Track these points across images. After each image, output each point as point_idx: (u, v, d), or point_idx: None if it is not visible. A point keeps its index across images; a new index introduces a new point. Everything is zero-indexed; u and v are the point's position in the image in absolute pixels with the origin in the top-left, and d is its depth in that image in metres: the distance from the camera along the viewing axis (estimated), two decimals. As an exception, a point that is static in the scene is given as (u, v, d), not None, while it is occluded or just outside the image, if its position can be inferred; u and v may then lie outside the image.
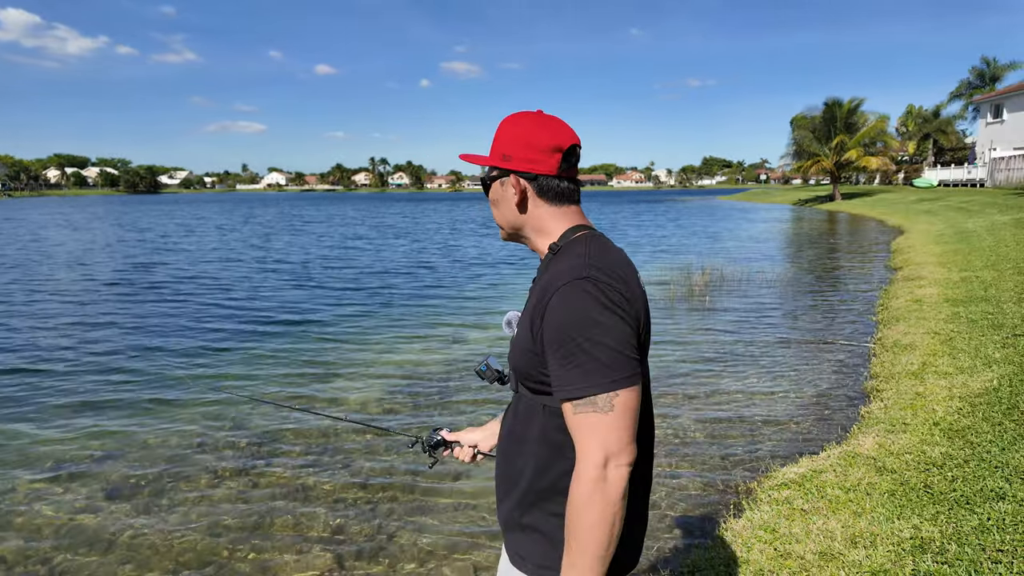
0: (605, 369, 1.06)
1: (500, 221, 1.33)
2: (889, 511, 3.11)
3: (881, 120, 42.65)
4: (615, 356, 1.06)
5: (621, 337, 1.07)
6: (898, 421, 4.32)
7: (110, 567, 3.27)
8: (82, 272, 14.60)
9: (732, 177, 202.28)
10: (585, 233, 1.25)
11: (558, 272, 1.15)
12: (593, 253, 1.17)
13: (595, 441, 1.06)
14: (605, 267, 1.13)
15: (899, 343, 6.42)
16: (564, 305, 1.09)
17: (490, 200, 1.34)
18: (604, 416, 1.06)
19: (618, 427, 1.06)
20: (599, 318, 1.07)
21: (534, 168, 1.24)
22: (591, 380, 1.06)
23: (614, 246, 1.25)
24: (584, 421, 1.07)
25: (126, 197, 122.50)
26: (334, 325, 8.82)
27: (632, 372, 1.08)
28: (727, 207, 48.09)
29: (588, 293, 1.08)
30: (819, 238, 21.50)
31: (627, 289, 1.13)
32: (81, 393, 5.98)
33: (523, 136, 1.25)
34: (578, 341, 1.07)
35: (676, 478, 4.10)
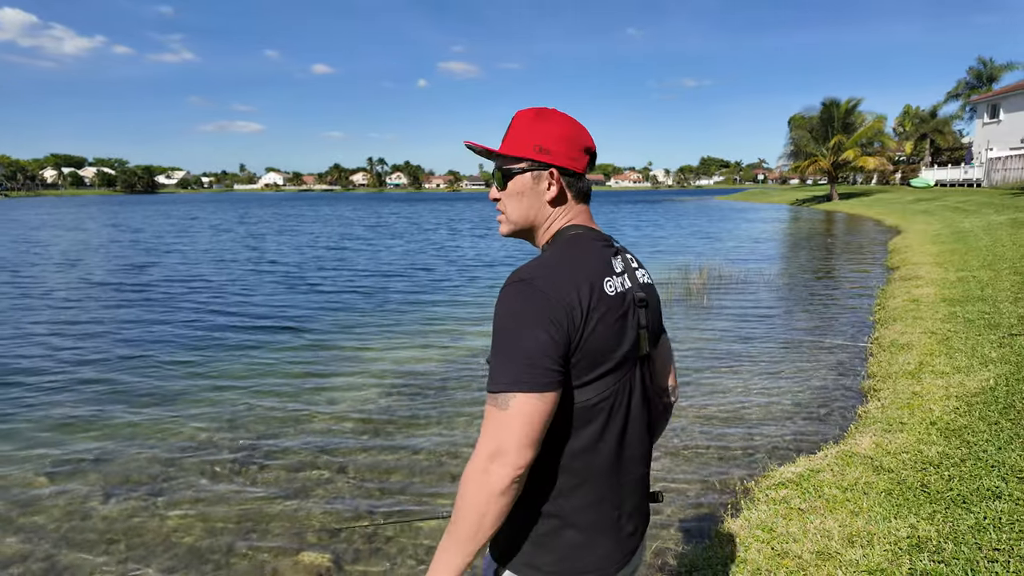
0: (511, 370, 1.08)
1: (516, 215, 1.31)
2: (886, 510, 3.12)
3: (878, 120, 42.75)
4: (524, 361, 1.08)
5: (537, 346, 1.08)
6: (895, 420, 4.33)
7: (108, 565, 3.27)
8: (72, 273, 14.56)
9: (730, 177, 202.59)
10: (570, 236, 1.27)
11: (512, 274, 1.17)
12: (551, 257, 1.20)
13: (488, 434, 1.09)
14: (551, 273, 1.14)
15: (896, 343, 6.43)
16: (498, 304, 1.13)
17: (508, 192, 1.30)
18: (500, 413, 1.08)
19: (510, 428, 1.07)
20: (518, 323, 1.09)
21: (573, 165, 1.27)
22: (497, 377, 1.09)
23: (588, 250, 1.24)
24: (487, 413, 1.11)
25: (123, 197, 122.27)
26: (327, 328, 8.80)
27: (537, 381, 1.07)
28: (725, 207, 48.15)
29: (518, 296, 1.11)
30: (816, 238, 21.54)
31: (564, 299, 1.11)
32: (70, 393, 5.97)
33: (562, 133, 1.26)
34: (499, 339, 1.11)
35: (674, 477, 4.10)
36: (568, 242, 1.24)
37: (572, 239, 1.25)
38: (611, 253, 1.27)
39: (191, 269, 15.07)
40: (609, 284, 1.19)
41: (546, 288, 1.11)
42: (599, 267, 1.21)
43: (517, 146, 1.28)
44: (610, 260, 1.25)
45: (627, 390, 1.24)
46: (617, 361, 1.19)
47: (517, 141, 1.28)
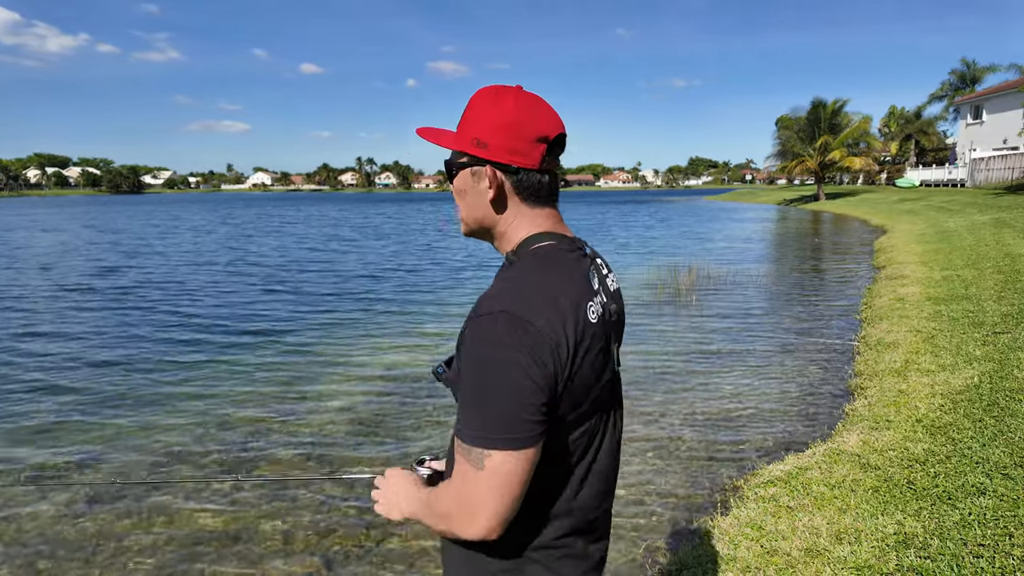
0: (489, 422, 0.94)
1: (465, 215, 1.16)
2: (873, 507, 3.15)
3: (864, 121, 43.19)
4: (506, 413, 0.93)
5: (521, 394, 0.93)
6: (882, 418, 4.37)
7: (93, 573, 3.22)
8: (45, 277, 14.37)
9: (718, 177, 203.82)
10: (541, 248, 1.09)
11: (483, 297, 1.01)
12: (528, 279, 1.02)
13: (459, 490, 0.98)
14: (532, 300, 0.97)
15: (882, 341, 6.49)
16: (472, 340, 0.96)
17: (454, 189, 1.16)
18: (473, 471, 0.95)
19: (486, 490, 0.95)
20: (499, 365, 0.93)
21: (516, 160, 1.07)
22: (472, 427, 0.95)
23: (566, 268, 1.07)
24: (458, 463, 0.98)
25: (108, 197, 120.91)
26: (308, 333, 8.75)
27: (520, 437, 0.93)
28: (713, 207, 48.44)
29: (497, 330, 0.94)
30: (804, 238, 21.71)
31: (551, 334, 0.95)
32: (50, 397, 5.89)
33: (505, 120, 1.05)
34: (474, 383, 0.95)
35: (663, 476, 4.12)
36: (543, 258, 1.07)
37: (546, 253, 1.08)
38: (587, 266, 1.11)
39: (170, 272, 14.92)
40: (592, 310, 1.04)
41: (530, 320, 0.94)
42: (581, 289, 1.05)
43: (458, 137, 1.11)
44: (589, 276, 1.09)
45: (604, 420, 1.13)
46: (598, 394, 1.07)
47: (460, 131, 1.11)
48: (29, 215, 46.65)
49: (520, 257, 1.09)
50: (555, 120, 1.09)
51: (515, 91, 1.09)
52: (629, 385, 5.94)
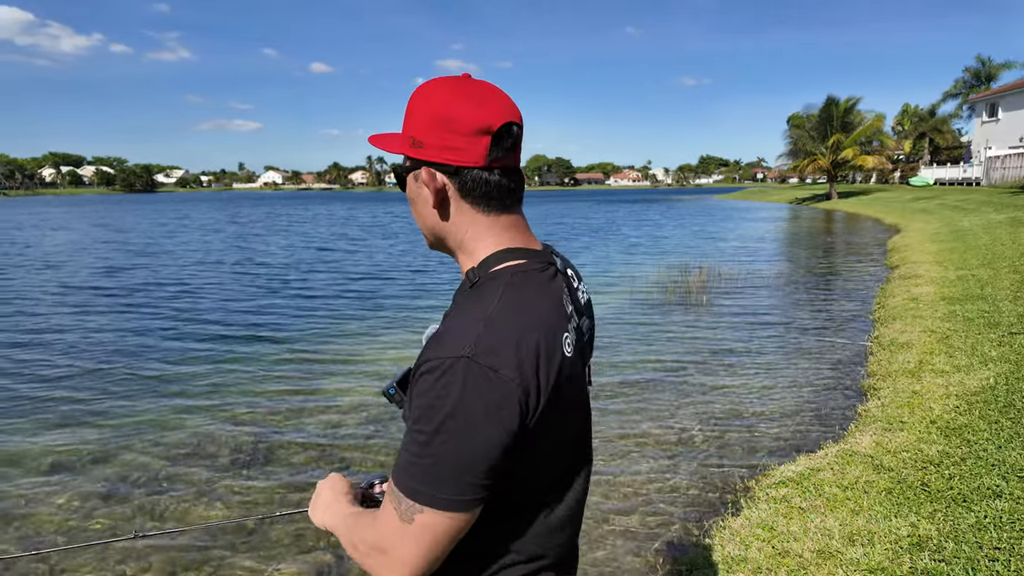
0: (429, 479, 0.83)
1: (420, 226, 1.03)
2: (887, 509, 3.12)
3: (877, 119, 42.77)
4: (450, 472, 0.82)
5: (468, 455, 0.82)
6: (895, 419, 4.33)
7: (107, 566, 3.26)
8: (50, 276, 14.54)
9: (729, 176, 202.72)
10: (508, 269, 0.94)
11: (447, 331, 0.88)
12: (497, 315, 0.87)
13: (380, 533, 0.89)
14: (503, 342, 0.84)
15: (896, 341, 6.43)
16: (425, 383, 0.84)
17: (407, 197, 1.03)
18: (399, 524, 0.86)
19: (405, 542, 0.86)
20: (450, 422, 0.81)
21: (453, 159, 0.93)
22: (408, 477, 0.85)
23: (539, 295, 0.94)
24: (386, 511, 0.88)
25: (122, 196, 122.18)
26: (317, 332, 8.79)
27: (460, 499, 0.83)
28: (724, 206, 48.19)
29: (454, 384, 0.81)
30: (816, 237, 21.54)
31: (520, 381, 0.83)
32: (66, 389, 5.96)
33: (437, 112, 0.92)
34: (421, 430, 0.83)
35: (674, 476, 4.10)
36: (512, 284, 0.92)
37: (516, 278, 0.93)
38: (560, 286, 0.98)
39: (177, 272, 15.05)
40: (568, 341, 0.92)
41: (496, 367, 0.82)
42: (557, 319, 0.93)
43: (398, 138, 0.99)
44: (563, 300, 0.97)
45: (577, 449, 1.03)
46: (576, 424, 1.00)
47: (403, 131, 0.98)
48: (41, 213, 47.21)
49: (483, 279, 0.94)
50: (501, 107, 0.93)
51: (452, 79, 0.95)
52: (639, 385, 5.93)
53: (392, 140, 1.00)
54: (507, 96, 0.97)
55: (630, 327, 8.30)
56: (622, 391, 5.77)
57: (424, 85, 0.96)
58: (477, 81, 0.96)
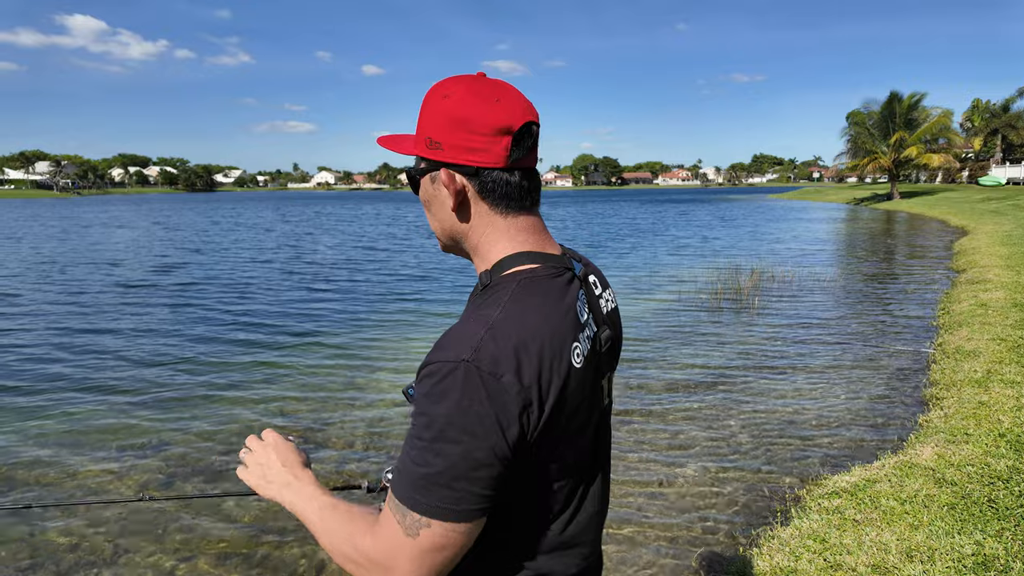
0: (432, 491, 0.81)
1: (435, 228, 1.01)
2: (949, 525, 2.97)
3: (944, 115, 40.73)
4: (452, 482, 0.80)
5: (470, 463, 0.80)
6: (960, 431, 4.12)
7: (162, 554, 3.42)
8: (112, 272, 15.26)
9: (783, 175, 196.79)
10: (519, 273, 0.93)
11: (452, 334, 0.86)
12: (502, 320, 0.85)
13: (381, 548, 0.84)
14: (505, 348, 0.82)
15: (962, 349, 6.11)
16: (425, 387, 0.83)
17: (421, 200, 1.01)
18: (405, 538, 0.82)
19: (414, 561, 0.82)
20: (451, 429, 0.80)
21: (474, 159, 0.91)
22: (410, 488, 0.82)
23: (549, 301, 0.91)
24: (388, 524, 0.84)
25: (184, 195, 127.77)
26: (361, 330, 8.95)
27: (464, 509, 0.81)
28: (778, 206, 46.77)
29: (454, 389, 0.80)
30: (875, 238, 20.68)
31: (521, 388, 0.82)
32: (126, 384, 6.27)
33: (455, 113, 0.90)
34: (421, 436, 0.82)
35: (721, 484, 4.01)
36: (522, 289, 0.90)
37: (527, 283, 0.91)
38: (575, 293, 0.95)
39: (232, 269, 15.59)
40: (577, 352, 0.90)
41: (498, 373, 0.81)
42: (566, 327, 0.90)
43: (413, 139, 0.97)
44: (575, 308, 0.93)
45: (591, 461, 1.00)
46: (586, 436, 0.97)
47: (417, 132, 0.96)
48: (109, 211, 49.78)
49: (495, 283, 0.93)
50: (519, 106, 0.92)
51: (469, 78, 0.94)
52: (686, 388, 5.82)
53: (404, 141, 0.98)
54: (523, 95, 0.95)
55: (678, 329, 8.16)
56: (668, 394, 5.67)
57: (439, 85, 0.95)
58: (493, 80, 0.95)
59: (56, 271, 14.55)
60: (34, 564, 3.30)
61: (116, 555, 3.38)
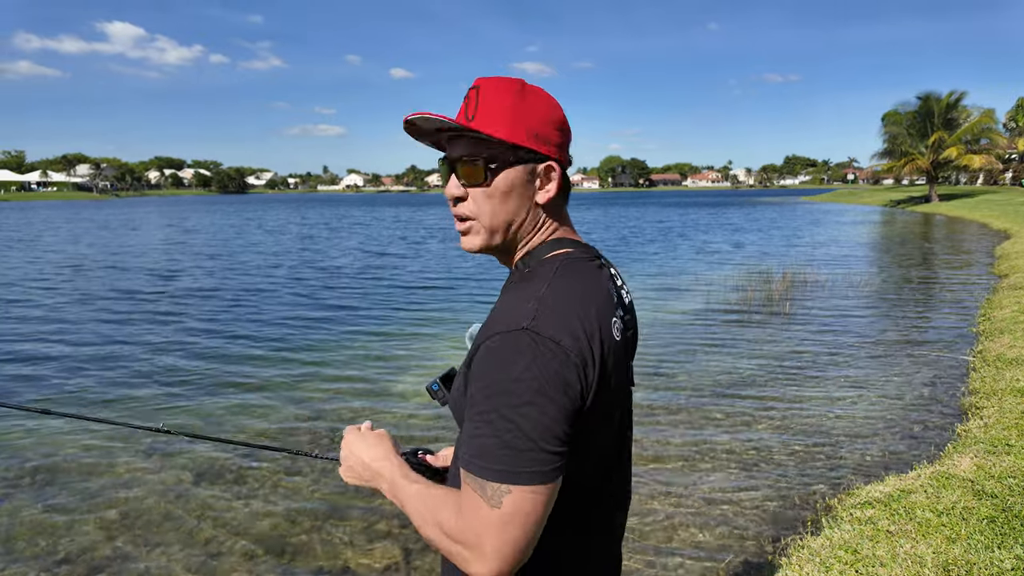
0: (509, 455, 0.83)
1: (497, 220, 0.99)
2: (988, 539, 2.87)
3: (986, 114, 39.49)
4: (528, 444, 0.83)
5: (547, 423, 0.83)
6: (1001, 442, 3.98)
7: (196, 544, 3.49)
8: (121, 276, 15.62)
9: (817, 177, 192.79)
10: (559, 255, 0.99)
11: (502, 312, 0.92)
12: (551, 293, 0.91)
13: (467, 523, 0.86)
14: (559, 316, 0.87)
15: (1003, 357, 5.91)
16: (489, 360, 0.86)
17: (489, 190, 0.98)
18: (489, 511, 0.84)
19: (501, 530, 0.83)
20: (524, 389, 0.83)
21: (564, 158, 1.02)
22: (487, 460, 0.84)
23: (590, 278, 0.97)
24: (469, 500, 0.86)
25: (217, 197, 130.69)
26: (385, 332, 9.02)
27: (543, 470, 0.83)
28: (811, 209, 45.84)
29: (524, 350, 0.84)
30: (912, 242, 20.13)
31: (580, 355, 0.86)
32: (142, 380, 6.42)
33: (553, 114, 0.99)
34: (491, 408, 0.84)
35: (750, 491, 3.94)
36: (565, 267, 0.97)
37: (568, 263, 0.98)
38: (607, 276, 1.02)
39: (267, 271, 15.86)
40: (616, 326, 0.95)
41: (556, 338, 0.85)
42: (607, 304, 0.96)
43: (508, 127, 0.95)
44: (610, 289, 1.00)
45: (620, 442, 1.04)
46: (619, 413, 1.01)
47: (507, 120, 0.95)
48: (137, 213, 51.12)
49: (534, 266, 0.99)
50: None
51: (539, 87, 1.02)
52: (716, 393, 5.74)
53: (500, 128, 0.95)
54: None
55: (707, 333, 8.05)
56: (696, 399, 5.60)
57: (523, 84, 1.00)
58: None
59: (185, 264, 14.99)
60: (69, 553, 3.41)
61: (148, 546, 3.46)
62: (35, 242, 23.71)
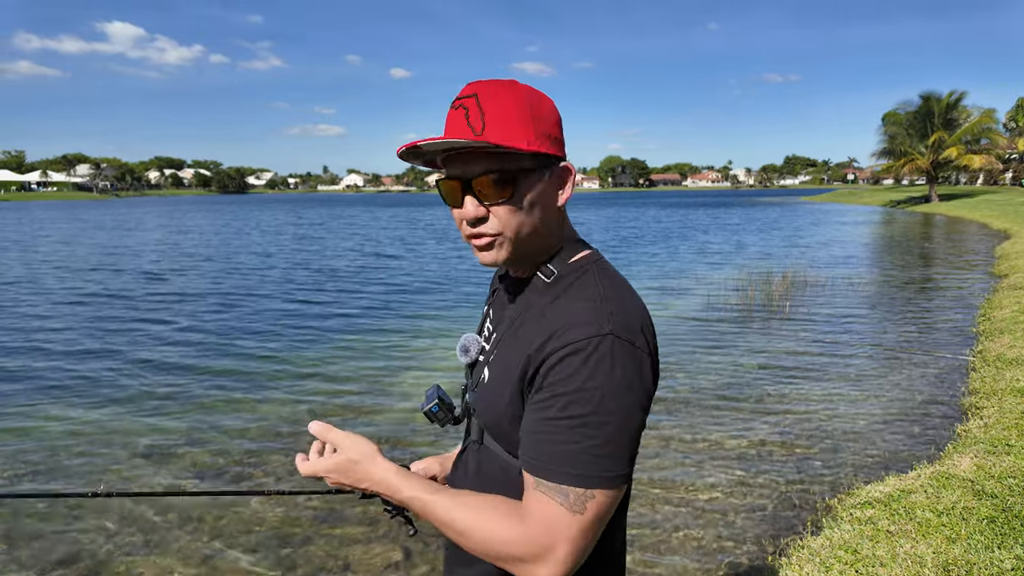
0: (596, 461, 0.83)
1: (526, 231, 0.94)
2: (988, 539, 2.87)
3: (986, 114, 39.49)
4: (614, 449, 0.84)
5: (631, 426, 0.85)
6: (1001, 442, 3.98)
7: (194, 544, 3.49)
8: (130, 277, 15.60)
9: (817, 177, 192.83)
10: (587, 256, 1.00)
11: (571, 316, 0.89)
12: (608, 295, 0.92)
13: (542, 531, 0.84)
14: (629, 319, 0.89)
15: (1003, 357, 5.91)
16: (577, 366, 0.84)
17: (514, 201, 0.92)
18: (571, 516, 0.83)
19: (579, 535, 0.83)
20: (613, 397, 0.84)
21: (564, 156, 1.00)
22: (573, 466, 0.83)
23: (622, 276, 1.00)
24: (544, 507, 0.84)
25: (217, 197, 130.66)
26: (384, 331, 9.02)
27: (623, 471, 0.85)
28: (811, 209, 45.83)
29: (620, 358, 0.85)
30: (912, 242, 20.13)
31: (648, 351, 0.90)
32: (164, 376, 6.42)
33: (553, 112, 0.97)
34: (577, 414, 0.84)
35: (749, 491, 3.94)
36: (602, 268, 0.98)
37: (603, 264, 0.99)
38: None
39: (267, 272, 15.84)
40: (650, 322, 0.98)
41: (634, 341, 0.88)
42: (637, 295, 0.99)
43: (526, 135, 0.90)
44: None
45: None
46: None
47: (522, 128, 0.90)
48: (132, 214, 51.11)
49: (565, 271, 0.97)
50: None
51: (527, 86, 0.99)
52: (715, 393, 5.74)
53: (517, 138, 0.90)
54: None
55: (707, 333, 8.05)
56: (696, 399, 5.60)
57: (521, 86, 0.95)
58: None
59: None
60: (69, 554, 3.41)
61: (148, 547, 3.46)
62: (30, 244, 23.72)
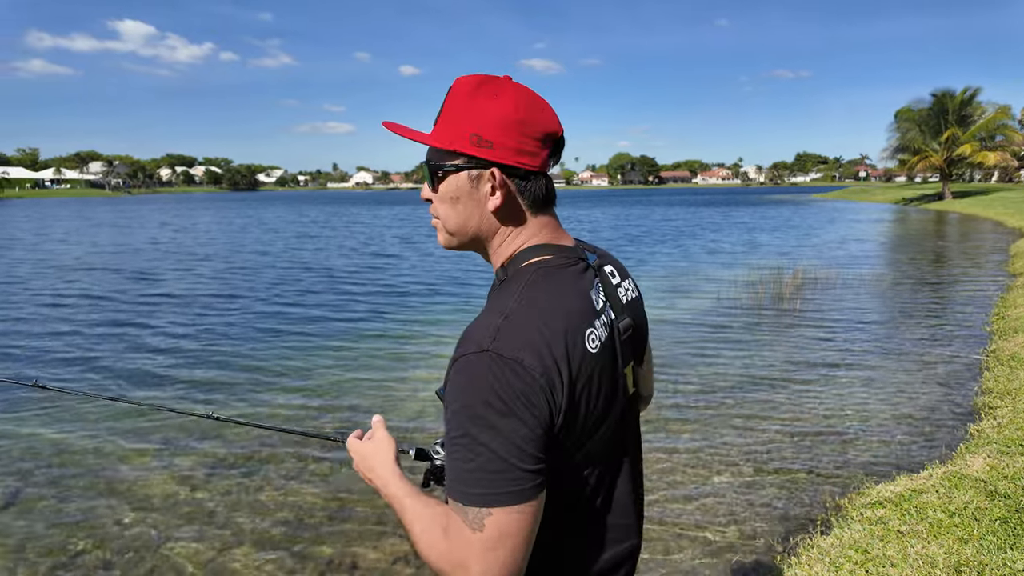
0: (483, 478, 0.82)
1: (453, 224, 1.00)
2: (1001, 540, 2.85)
3: (1001, 111, 38.99)
4: (501, 465, 0.82)
5: (514, 442, 0.82)
6: (1014, 442, 3.94)
7: (206, 537, 3.53)
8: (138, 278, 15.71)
9: (828, 174, 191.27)
10: (535, 263, 0.97)
11: (468, 331, 0.90)
12: (519, 307, 0.90)
13: (449, 549, 0.85)
14: (522, 335, 0.86)
15: (1017, 356, 5.85)
16: (455, 385, 0.86)
17: (440, 195, 0.99)
18: (472, 534, 0.83)
19: (486, 552, 0.82)
20: (486, 414, 0.82)
21: (524, 163, 0.95)
22: (464, 484, 0.84)
23: (563, 289, 0.95)
24: (455, 524, 0.85)
25: (228, 194, 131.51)
26: (409, 319, 9.04)
27: (520, 489, 0.83)
28: (823, 206, 45.48)
29: (485, 373, 0.83)
30: (925, 240, 19.94)
31: (543, 374, 0.84)
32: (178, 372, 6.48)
33: (512, 117, 0.93)
34: (462, 432, 0.84)
35: (759, 490, 3.93)
36: (537, 278, 0.94)
37: (541, 273, 0.95)
38: (589, 281, 0.99)
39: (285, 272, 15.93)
40: (592, 337, 0.92)
41: (519, 359, 0.84)
42: (579, 314, 0.93)
43: (449, 133, 0.95)
44: (589, 295, 0.97)
45: (617, 453, 1.02)
46: (608, 424, 0.97)
47: (450, 125, 0.95)
48: (143, 210, 51.45)
49: (511, 275, 0.98)
50: (556, 116, 0.99)
51: (511, 82, 0.97)
52: (725, 392, 5.72)
53: (440, 133, 0.96)
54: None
55: (716, 331, 8.02)
56: (705, 397, 5.58)
57: (481, 83, 0.95)
58: (528, 88, 0.99)
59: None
60: (81, 551, 3.45)
61: (159, 540, 3.50)
62: (35, 243, 23.98)
